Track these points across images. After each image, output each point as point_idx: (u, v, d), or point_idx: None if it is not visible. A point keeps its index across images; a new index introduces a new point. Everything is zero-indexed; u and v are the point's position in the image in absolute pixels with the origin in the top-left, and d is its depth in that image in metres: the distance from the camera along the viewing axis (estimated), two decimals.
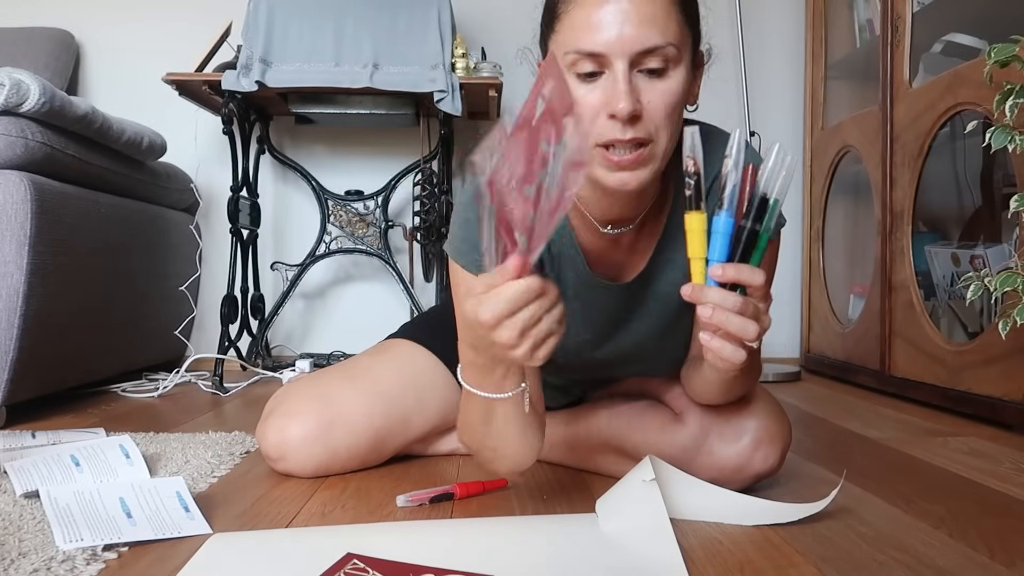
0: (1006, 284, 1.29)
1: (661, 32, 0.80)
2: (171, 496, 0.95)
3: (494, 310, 0.71)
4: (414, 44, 2.12)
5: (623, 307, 1.02)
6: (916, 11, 1.96)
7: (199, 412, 1.74)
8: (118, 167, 1.96)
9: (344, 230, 2.40)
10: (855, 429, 1.57)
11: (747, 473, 1.02)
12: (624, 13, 0.79)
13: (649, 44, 0.79)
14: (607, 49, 0.79)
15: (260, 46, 2.09)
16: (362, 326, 2.58)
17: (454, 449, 1.28)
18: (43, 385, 1.68)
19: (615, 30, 0.79)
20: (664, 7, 0.80)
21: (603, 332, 1.04)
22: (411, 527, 0.92)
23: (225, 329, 2.18)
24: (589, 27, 0.80)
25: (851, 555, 0.83)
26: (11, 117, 1.58)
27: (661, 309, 1.01)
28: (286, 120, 2.52)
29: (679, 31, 0.82)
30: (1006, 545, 0.87)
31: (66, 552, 0.81)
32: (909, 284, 1.93)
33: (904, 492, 1.10)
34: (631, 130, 0.80)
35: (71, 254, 1.71)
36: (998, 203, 2.00)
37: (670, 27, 0.81)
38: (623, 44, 0.79)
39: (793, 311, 2.66)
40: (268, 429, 1.14)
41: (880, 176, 2.05)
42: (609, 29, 0.79)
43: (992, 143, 1.30)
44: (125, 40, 2.60)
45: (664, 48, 0.80)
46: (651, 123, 0.82)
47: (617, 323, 1.03)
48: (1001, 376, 1.58)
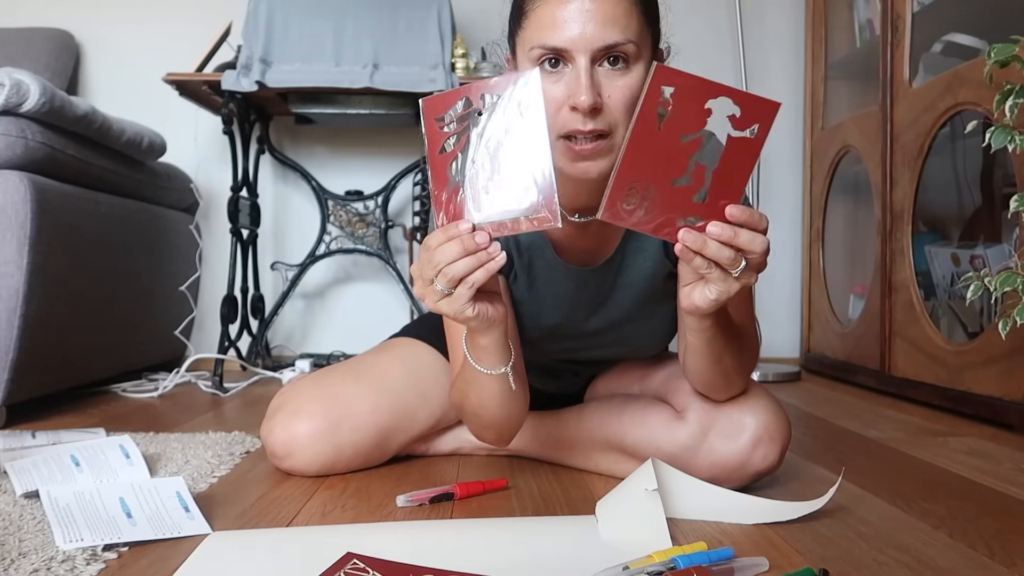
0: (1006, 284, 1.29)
1: (622, 30, 0.85)
2: (171, 496, 0.95)
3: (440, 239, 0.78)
4: (414, 44, 2.12)
5: (593, 292, 1.06)
6: (916, 11, 1.96)
7: (199, 412, 1.74)
8: (118, 167, 1.96)
9: (344, 230, 2.40)
10: (855, 429, 1.57)
11: (747, 471, 1.02)
12: (587, 11, 0.84)
13: (610, 41, 0.84)
14: (570, 45, 0.85)
15: (260, 46, 2.09)
16: (362, 326, 2.58)
17: (454, 449, 1.28)
18: (43, 385, 1.68)
19: (578, 27, 0.84)
20: (625, 7, 0.85)
21: (574, 314, 1.08)
22: (411, 527, 0.92)
23: (225, 329, 2.18)
24: (554, 24, 0.85)
25: (851, 555, 0.83)
26: (11, 117, 1.58)
27: (632, 294, 1.06)
28: (286, 120, 2.52)
29: (639, 29, 0.87)
30: (1006, 545, 0.87)
31: (66, 552, 0.81)
32: (909, 284, 1.93)
33: (904, 492, 1.10)
34: (591, 122, 0.86)
35: (71, 254, 1.71)
36: (998, 203, 2.00)
37: (631, 25, 0.86)
38: (585, 40, 0.84)
39: (793, 311, 2.66)
40: (275, 426, 1.14)
41: (880, 176, 2.05)
42: (572, 26, 0.84)
43: (992, 143, 1.30)
44: (125, 40, 2.60)
45: (624, 45, 0.85)
46: (611, 116, 0.87)
47: (588, 306, 1.08)
48: (1001, 376, 1.58)
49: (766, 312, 2.59)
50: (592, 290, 1.06)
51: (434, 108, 0.77)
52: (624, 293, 1.06)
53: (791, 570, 0.77)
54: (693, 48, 2.63)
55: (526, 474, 1.17)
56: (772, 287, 2.64)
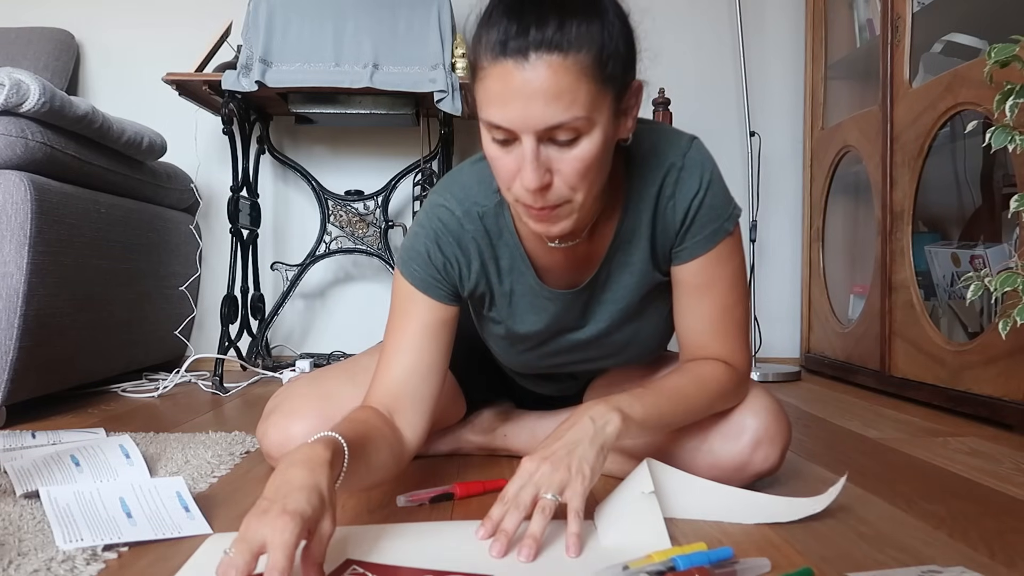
0: (1006, 284, 1.29)
1: (567, 107, 0.78)
2: (171, 496, 0.95)
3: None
4: (414, 44, 2.12)
5: (580, 310, 1.05)
6: (916, 11, 1.96)
7: (199, 412, 1.74)
8: (118, 167, 1.96)
9: (344, 230, 2.40)
10: (855, 429, 1.57)
11: (747, 472, 1.02)
12: (530, 92, 0.78)
13: (553, 121, 0.79)
14: (513, 126, 0.80)
15: (260, 46, 2.09)
16: (362, 326, 2.58)
17: (454, 449, 1.28)
18: (43, 385, 1.68)
19: (520, 109, 0.79)
20: (571, 81, 0.78)
21: (560, 335, 1.07)
22: (411, 527, 0.92)
23: (225, 329, 2.18)
24: (499, 102, 0.80)
25: (851, 555, 0.83)
26: (11, 117, 1.58)
27: (617, 310, 1.04)
28: (286, 120, 2.52)
29: (589, 101, 0.80)
30: (1006, 545, 0.87)
31: (66, 552, 0.81)
32: (909, 284, 1.93)
33: (904, 492, 1.10)
34: (541, 199, 0.83)
35: (71, 254, 1.71)
36: (998, 203, 2.00)
37: (578, 99, 0.79)
38: (527, 122, 0.79)
39: (793, 311, 2.66)
40: (270, 428, 1.14)
41: (880, 176, 2.05)
42: (515, 107, 0.79)
43: (992, 143, 1.30)
44: (125, 40, 2.60)
45: (571, 122, 0.79)
46: (564, 187, 0.83)
47: (573, 326, 1.07)
48: (1001, 376, 1.58)
49: (766, 312, 2.59)
50: (577, 310, 1.05)
51: None
52: (608, 308, 1.04)
53: (791, 570, 0.77)
54: (693, 48, 2.63)
55: None
56: (772, 287, 2.64)
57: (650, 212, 0.98)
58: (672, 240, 0.99)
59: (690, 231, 0.98)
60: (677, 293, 1.02)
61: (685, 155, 0.97)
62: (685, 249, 0.99)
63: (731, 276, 1.00)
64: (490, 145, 0.84)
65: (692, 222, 0.97)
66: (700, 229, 0.97)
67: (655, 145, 0.97)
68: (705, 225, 0.97)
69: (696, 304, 1.01)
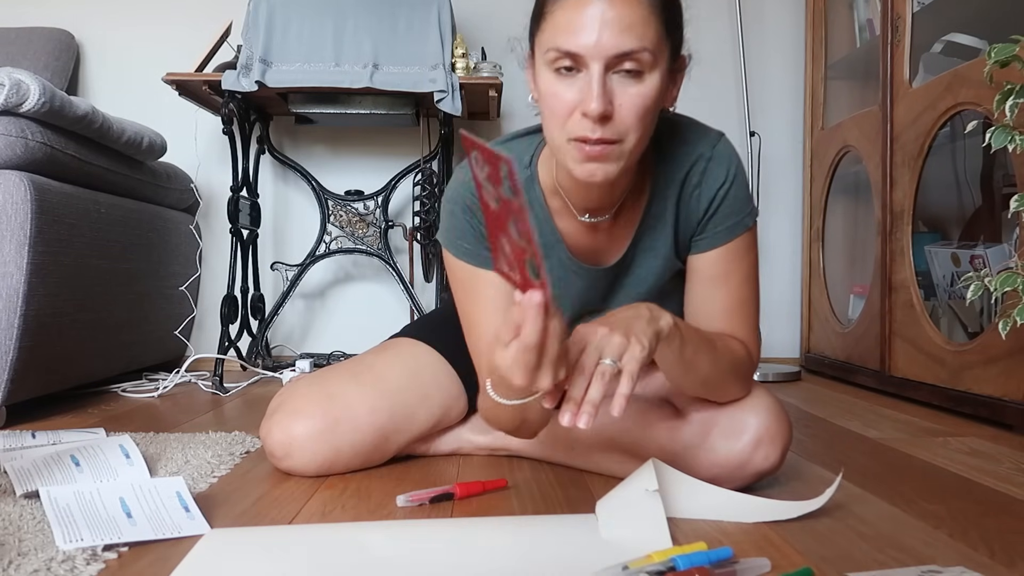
0: (1006, 284, 1.29)
1: (638, 38, 0.83)
2: (171, 496, 0.95)
3: (525, 368, 0.74)
4: (414, 44, 2.12)
5: (604, 289, 1.07)
6: (916, 11, 1.96)
7: (199, 412, 1.74)
8: (118, 167, 1.96)
9: (344, 230, 2.40)
10: (855, 429, 1.57)
11: (748, 471, 1.02)
12: (604, 18, 0.82)
13: (625, 48, 0.83)
14: (584, 51, 0.83)
15: (260, 46, 2.09)
16: (362, 326, 2.58)
17: (454, 449, 1.28)
18: (43, 385, 1.68)
19: (594, 34, 0.83)
20: (643, 14, 0.84)
21: (579, 312, 1.08)
22: (411, 527, 0.92)
23: (225, 329, 2.18)
24: (570, 29, 0.84)
25: (851, 555, 0.83)
26: (11, 117, 1.58)
27: (638, 294, 1.06)
28: (286, 120, 2.52)
29: (656, 38, 0.85)
30: (1006, 545, 0.87)
31: (66, 552, 0.81)
32: (909, 284, 1.93)
33: (904, 492, 1.10)
34: (600, 130, 0.85)
35: (71, 254, 1.71)
36: (998, 203, 2.00)
37: (647, 34, 0.84)
38: (600, 48, 0.83)
39: (793, 311, 2.66)
40: (273, 427, 1.14)
41: (880, 176, 2.05)
42: (588, 32, 0.83)
43: (992, 143, 1.30)
44: (125, 40, 2.60)
45: (639, 53, 0.84)
46: (621, 124, 0.86)
47: (593, 304, 1.08)
48: (1001, 376, 1.58)
49: (766, 312, 2.58)
50: (601, 290, 1.07)
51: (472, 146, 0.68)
52: (629, 292, 1.06)
53: (791, 570, 0.77)
54: (693, 48, 2.63)
55: (526, 474, 1.17)
56: (772, 287, 2.64)
57: (675, 199, 1.01)
58: (693, 228, 1.02)
59: (712, 220, 1.00)
60: (691, 283, 1.04)
61: (714, 147, 1.01)
62: (705, 238, 1.01)
63: (746, 271, 1.02)
64: (550, 80, 0.87)
65: (715, 212, 1.00)
66: (722, 220, 1.00)
67: (685, 135, 1.01)
68: (727, 216, 1.00)
69: (710, 295, 1.02)
